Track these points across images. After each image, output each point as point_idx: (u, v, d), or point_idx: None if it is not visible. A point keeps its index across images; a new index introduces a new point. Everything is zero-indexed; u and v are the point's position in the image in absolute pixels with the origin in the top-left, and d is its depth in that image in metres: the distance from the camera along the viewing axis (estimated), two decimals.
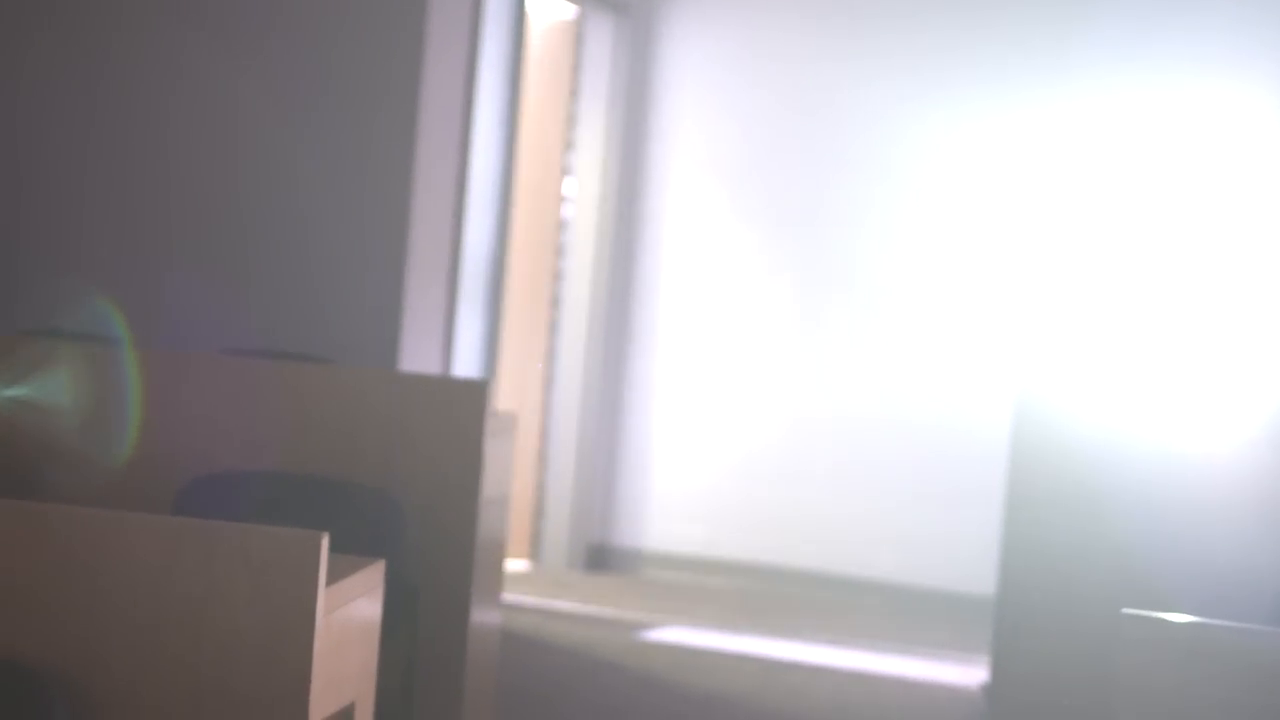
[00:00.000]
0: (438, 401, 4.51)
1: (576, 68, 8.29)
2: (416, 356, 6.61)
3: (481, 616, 4.68)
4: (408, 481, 4.46)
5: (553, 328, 8.35)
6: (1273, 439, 3.66)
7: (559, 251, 8.35)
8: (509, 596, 7.49)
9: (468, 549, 4.49)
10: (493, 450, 4.61)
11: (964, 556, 8.02)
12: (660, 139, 8.40)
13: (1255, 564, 3.55)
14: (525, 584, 7.81)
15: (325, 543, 2.70)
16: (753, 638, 7.05)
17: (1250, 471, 3.60)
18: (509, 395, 8.10)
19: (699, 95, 8.34)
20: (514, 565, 8.15)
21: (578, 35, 8.26)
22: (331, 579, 2.77)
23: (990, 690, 4.87)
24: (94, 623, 2.72)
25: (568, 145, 8.29)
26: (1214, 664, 2.67)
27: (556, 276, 8.35)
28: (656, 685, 6.15)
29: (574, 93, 8.29)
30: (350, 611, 2.93)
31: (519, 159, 7.54)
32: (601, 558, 8.39)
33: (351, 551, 3.05)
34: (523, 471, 8.19)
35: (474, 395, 4.51)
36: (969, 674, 6.72)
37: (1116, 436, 3.73)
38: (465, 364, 7.29)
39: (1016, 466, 3.84)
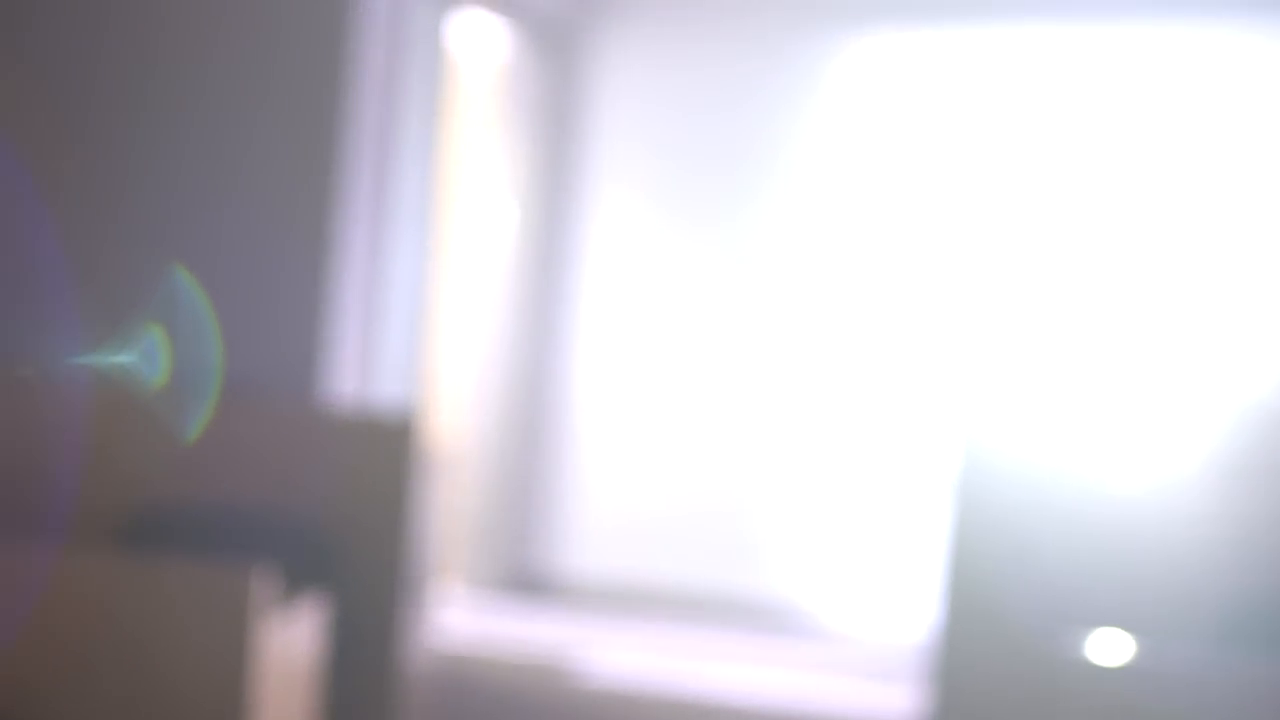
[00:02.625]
0: (369, 434, 4.48)
1: (505, 91, 8.26)
2: (340, 381, 6.55)
3: (414, 650, 4.64)
4: (339, 514, 4.42)
5: (480, 351, 8.31)
6: (1212, 472, 3.67)
7: (486, 274, 8.31)
8: (442, 623, 7.43)
9: (398, 580, 4.46)
10: (419, 481, 4.58)
11: (904, 584, 8.02)
12: (589, 160, 8.38)
13: (1194, 591, 3.56)
14: (458, 611, 7.77)
15: (266, 576, 2.66)
16: (682, 672, 7.03)
17: (1188, 504, 3.60)
18: (437, 417, 8.06)
19: (627, 119, 8.33)
20: (446, 592, 8.10)
21: (508, 61, 8.24)
22: (271, 611, 2.74)
23: None
24: (33, 658, 2.67)
25: (496, 168, 8.26)
26: (1149, 692, 2.66)
27: (484, 299, 8.32)
28: (589, 715, 6.12)
29: (502, 115, 8.27)
30: (289, 644, 2.89)
31: (445, 182, 7.50)
32: (534, 582, 8.35)
33: (289, 585, 3.01)
34: (452, 496, 8.14)
35: (400, 427, 4.48)
36: (908, 708, 6.71)
37: (1060, 469, 3.72)
38: (390, 388, 7.23)
39: (959, 495, 3.83)
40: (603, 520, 8.29)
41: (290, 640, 2.91)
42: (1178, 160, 7.71)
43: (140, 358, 6.09)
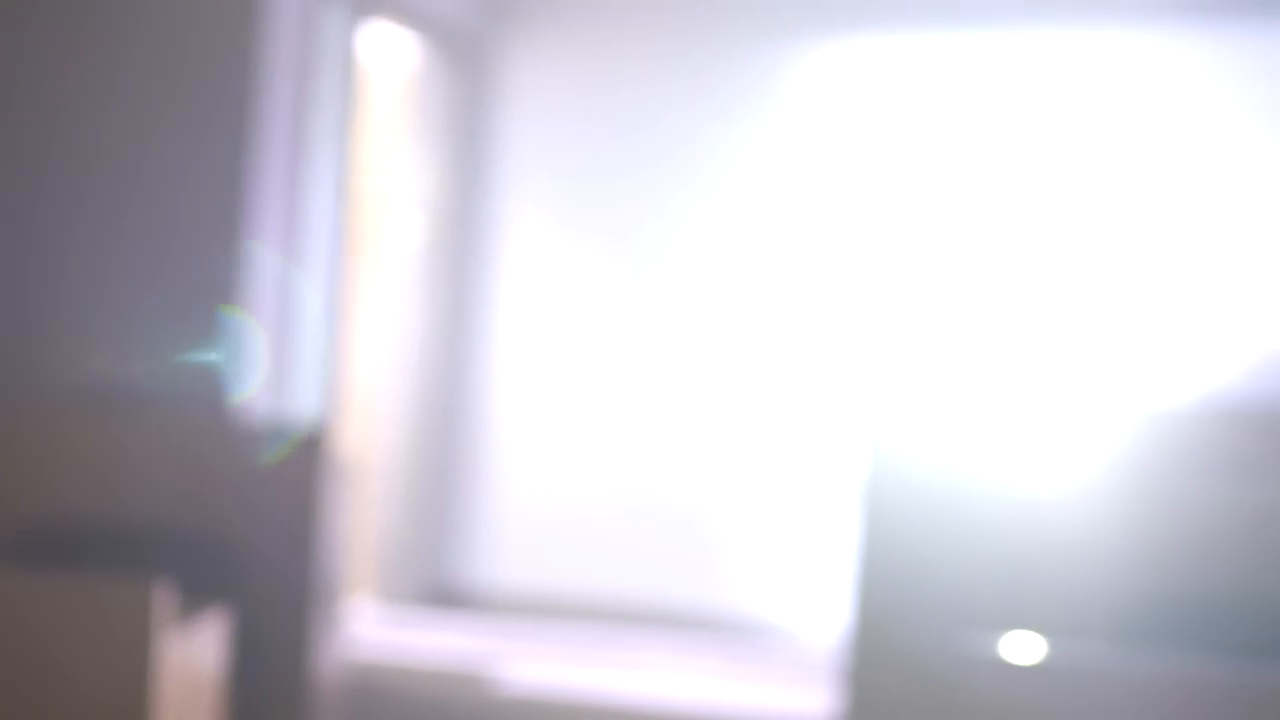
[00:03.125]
0: (278, 445, 4.45)
1: (415, 101, 8.25)
2: (252, 393, 6.52)
3: (323, 662, 4.61)
4: (246, 527, 4.39)
5: (393, 361, 8.29)
6: (1115, 475, 3.70)
7: (399, 283, 8.29)
8: (355, 636, 7.40)
9: (307, 592, 4.43)
10: (329, 492, 4.56)
11: (819, 588, 8.04)
12: (501, 170, 8.37)
13: (1098, 591, 3.58)
14: (372, 624, 7.73)
15: (164, 590, 2.65)
16: (600, 678, 7.03)
17: (1091, 504, 3.63)
18: (348, 429, 8.03)
19: (538, 130, 8.33)
20: (360, 605, 8.07)
21: (418, 74, 8.22)
22: (172, 625, 2.72)
23: None
24: None
25: (407, 179, 8.24)
26: (1052, 686, 2.68)
27: (397, 309, 8.29)
28: None
29: (412, 126, 8.25)
30: (192, 657, 2.87)
31: (356, 192, 7.48)
32: (451, 595, 8.33)
33: (191, 598, 3.00)
34: (366, 508, 8.11)
35: (310, 439, 4.46)
36: (823, 709, 6.73)
37: (966, 473, 3.74)
38: (303, 399, 7.20)
39: (867, 499, 3.85)
40: (520, 531, 8.28)
41: (192, 652, 2.89)
42: (1093, 167, 7.77)
43: (51, 367, 6.05)
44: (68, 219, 6.32)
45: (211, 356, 6.31)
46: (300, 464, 4.46)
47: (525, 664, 7.20)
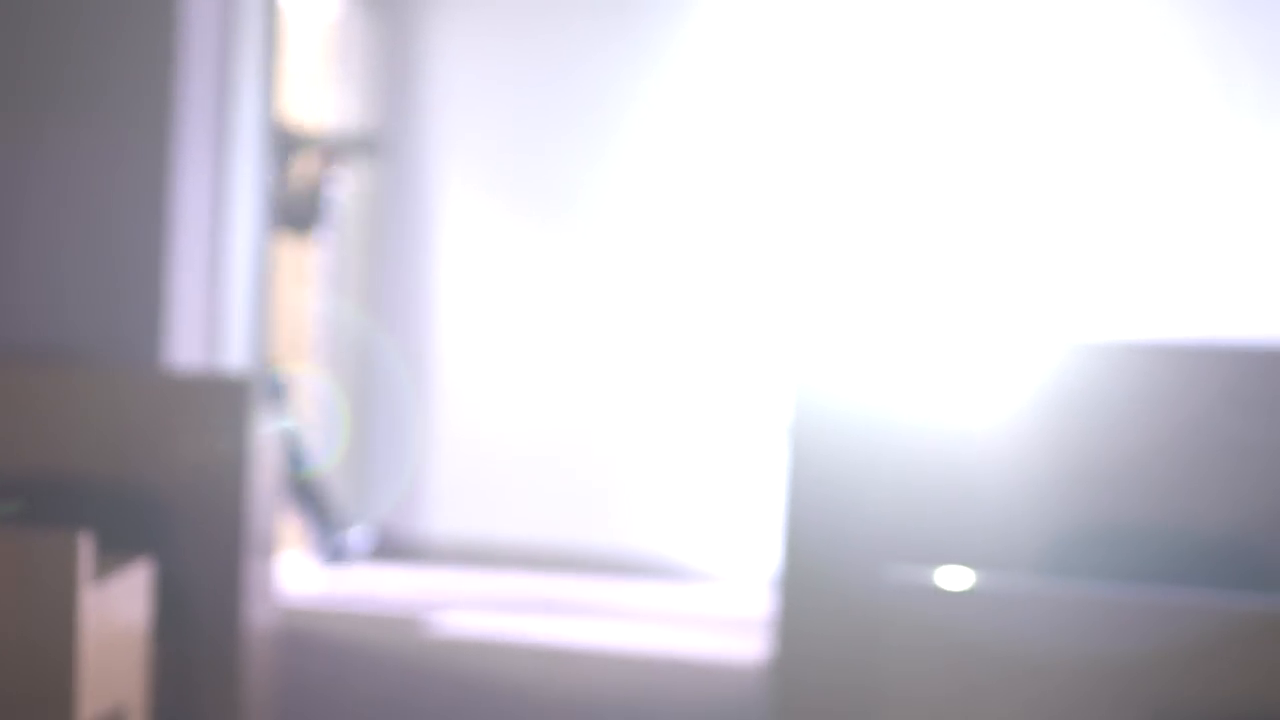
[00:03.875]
0: (202, 397, 4.43)
1: (339, 61, 8.20)
2: (182, 346, 6.49)
3: (256, 613, 4.60)
4: (174, 479, 4.38)
5: (324, 314, 8.26)
6: (1039, 406, 3.72)
7: (328, 238, 8.26)
8: (286, 590, 7.39)
9: (238, 545, 4.42)
10: (261, 442, 4.54)
11: (749, 532, 8.07)
12: (424, 128, 8.34)
13: (1021, 524, 3.61)
14: (302, 577, 7.72)
15: (86, 542, 2.63)
16: (535, 623, 7.04)
17: (1012, 441, 3.65)
18: (280, 381, 8.00)
19: (462, 78, 8.30)
20: (290, 558, 8.05)
21: (340, 29, 8.18)
22: (95, 579, 2.71)
23: (770, 667, 4.89)
24: None
25: (330, 125, 8.20)
26: (978, 619, 2.70)
27: (326, 262, 8.26)
28: (440, 677, 6.10)
29: (334, 74, 8.21)
30: (116, 611, 2.86)
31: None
32: (384, 544, 8.32)
33: (117, 552, 2.98)
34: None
35: (239, 389, 4.44)
36: (754, 654, 6.76)
37: (889, 410, 3.76)
38: (234, 356, 7.17)
39: (793, 440, 3.86)
40: (454, 482, 8.28)
41: (116, 605, 2.87)
42: (1004, 110, 7.79)
43: None
44: None
45: (142, 309, 6.27)
46: (229, 415, 4.44)
47: (459, 611, 7.21)
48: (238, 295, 7.18)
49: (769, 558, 8.08)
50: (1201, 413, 3.59)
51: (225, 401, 4.43)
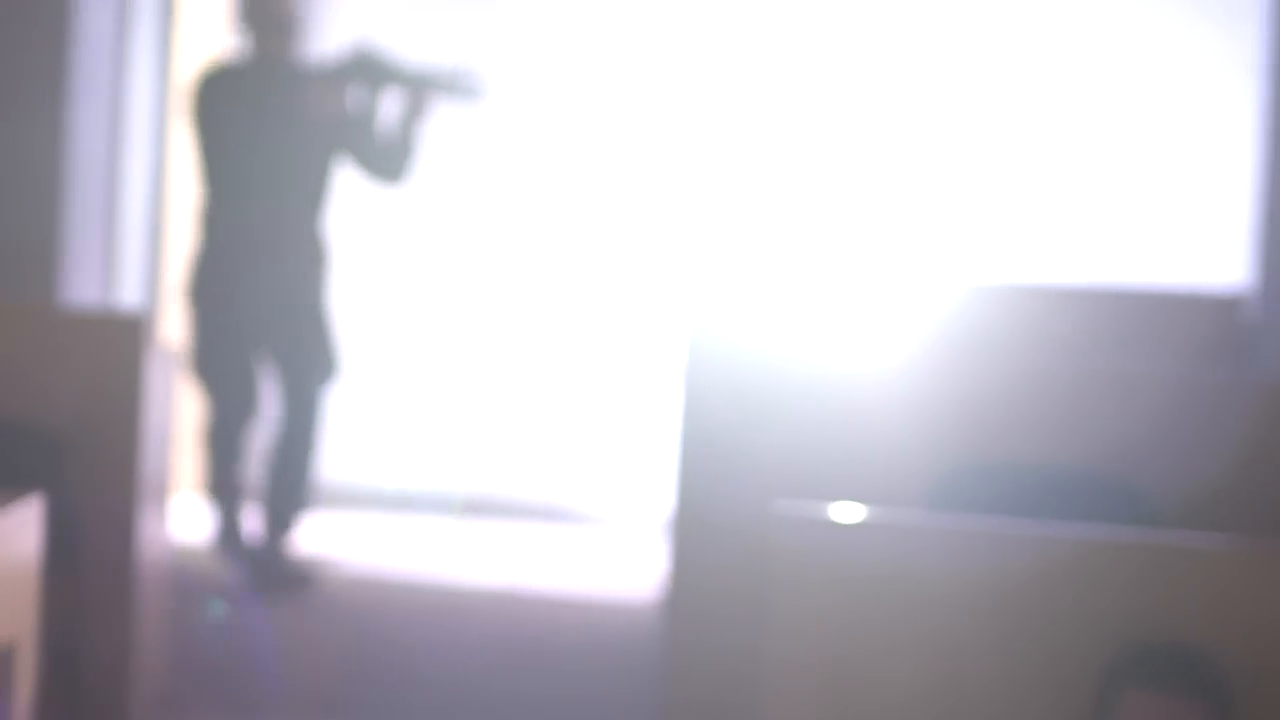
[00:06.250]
0: (95, 334, 4.41)
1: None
2: (77, 288, 6.45)
3: (148, 551, 4.59)
4: (65, 417, 4.36)
5: None
6: (921, 352, 3.76)
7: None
8: (181, 534, 7.38)
9: (130, 485, 4.41)
10: (154, 382, 4.52)
11: (644, 475, 8.11)
12: (316, 50, 8.30)
13: (907, 460, 3.66)
14: (198, 520, 7.71)
15: None
16: (430, 565, 7.06)
17: (900, 380, 3.69)
18: (176, 319, 7.96)
19: (352, 5, 8.26)
20: (186, 500, 8.03)
21: None
22: None
23: (665, 606, 4.94)
24: None
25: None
26: (863, 549, 2.75)
27: None
28: (335, 620, 6.11)
29: (232, 18, 8.14)
30: (6, 547, 2.86)
31: (178, 85, 7.39)
32: None
33: (9, 488, 2.97)
34: (194, 402, 8.06)
35: (132, 327, 4.42)
36: (649, 594, 6.81)
37: (783, 353, 3.79)
38: (130, 295, 7.13)
39: (687, 382, 3.89)
40: (352, 428, 8.27)
41: (7, 540, 2.87)
42: (896, 49, 7.83)
43: None
44: None
45: (39, 247, 6.22)
46: (121, 354, 4.42)
47: (355, 552, 7.21)
48: (134, 233, 7.14)
49: (664, 501, 8.13)
50: (1083, 352, 3.66)
51: (119, 339, 4.41)
